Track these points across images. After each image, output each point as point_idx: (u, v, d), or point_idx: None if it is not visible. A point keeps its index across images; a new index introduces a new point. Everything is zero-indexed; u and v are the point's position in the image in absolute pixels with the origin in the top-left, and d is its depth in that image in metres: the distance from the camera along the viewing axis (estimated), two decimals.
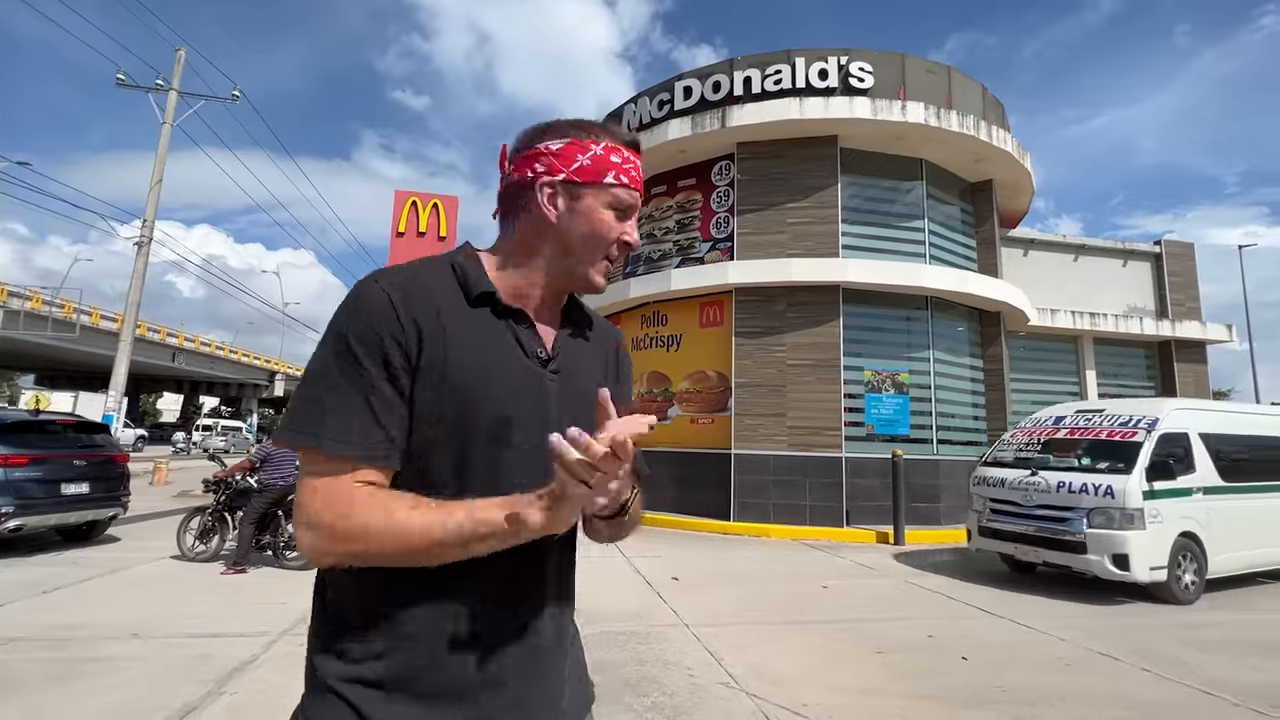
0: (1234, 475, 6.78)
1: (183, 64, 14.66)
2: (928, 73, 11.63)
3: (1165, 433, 6.48)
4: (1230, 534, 6.56)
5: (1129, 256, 16.24)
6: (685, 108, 12.00)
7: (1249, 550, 6.80)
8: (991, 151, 11.70)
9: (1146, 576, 5.90)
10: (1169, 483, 6.20)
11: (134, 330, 13.45)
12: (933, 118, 10.88)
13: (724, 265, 11.19)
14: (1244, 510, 6.78)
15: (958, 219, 12.69)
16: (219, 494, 6.83)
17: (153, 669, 3.72)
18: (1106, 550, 5.99)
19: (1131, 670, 4.21)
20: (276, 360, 51.21)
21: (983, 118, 11.65)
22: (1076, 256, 15.82)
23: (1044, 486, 6.55)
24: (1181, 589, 6.09)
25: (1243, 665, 4.35)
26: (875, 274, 10.76)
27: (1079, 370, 15.32)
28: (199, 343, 41.14)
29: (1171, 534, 6.10)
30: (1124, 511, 5.98)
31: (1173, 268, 16.16)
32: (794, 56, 11.40)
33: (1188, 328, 15.61)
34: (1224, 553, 6.47)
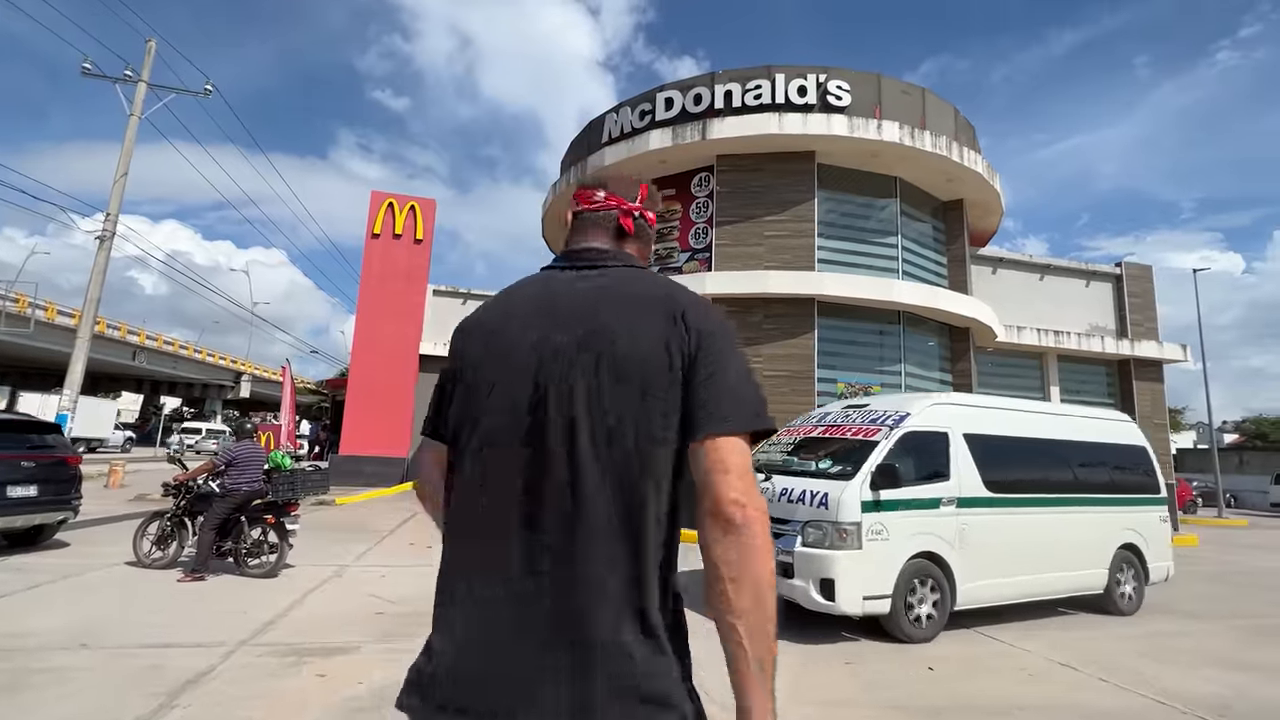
0: (1006, 485, 5.70)
1: (153, 55, 14.30)
2: (903, 93, 11.93)
3: (912, 431, 5.45)
4: (994, 556, 5.50)
5: (1091, 277, 16.79)
6: (666, 119, 12.10)
7: (1018, 575, 5.65)
8: (963, 172, 12.03)
9: (857, 608, 4.79)
10: (904, 491, 5.14)
11: (93, 327, 12.99)
12: (907, 137, 11.15)
13: (702, 275, 11.27)
14: (1014, 527, 5.67)
15: (930, 236, 13.00)
16: (179, 498, 6.61)
17: (102, 680, 3.56)
18: (813, 574, 4.86)
19: (1090, 680, 4.32)
20: (243, 361, 49.90)
21: (955, 139, 11.98)
22: (1042, 276, 16.30)
23: (768, 495, 5.37)
24: (911, 623, 4.99)
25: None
26: (850, 288, 10.94)
27: (1044, 386, 15.75)
28: (161, 341, 39.89)
29: (902, 555, 5.02)
30: (836, 526, 4.87)
31: (1132, 289, 16.75)
32: (774, 73, 11.59)
33: (1146, 347, 16.17)
34: (982, 578, 5.38)
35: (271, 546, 6.42)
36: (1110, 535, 6.33)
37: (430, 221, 19.23)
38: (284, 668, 3.89)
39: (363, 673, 3.87)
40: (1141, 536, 6.57)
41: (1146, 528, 6.68)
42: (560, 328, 1.00)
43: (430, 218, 19.22)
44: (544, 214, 15.59)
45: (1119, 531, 6.41)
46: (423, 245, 19.04)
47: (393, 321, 18.47)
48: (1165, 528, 6.92)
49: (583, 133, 14.37)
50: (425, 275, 19.06)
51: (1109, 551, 6.29)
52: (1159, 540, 6.79)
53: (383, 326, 18.40)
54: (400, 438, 18.27)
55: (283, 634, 4.53)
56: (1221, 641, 5.49)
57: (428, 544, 8.77)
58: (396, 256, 18.78)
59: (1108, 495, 6.47)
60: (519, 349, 1.01)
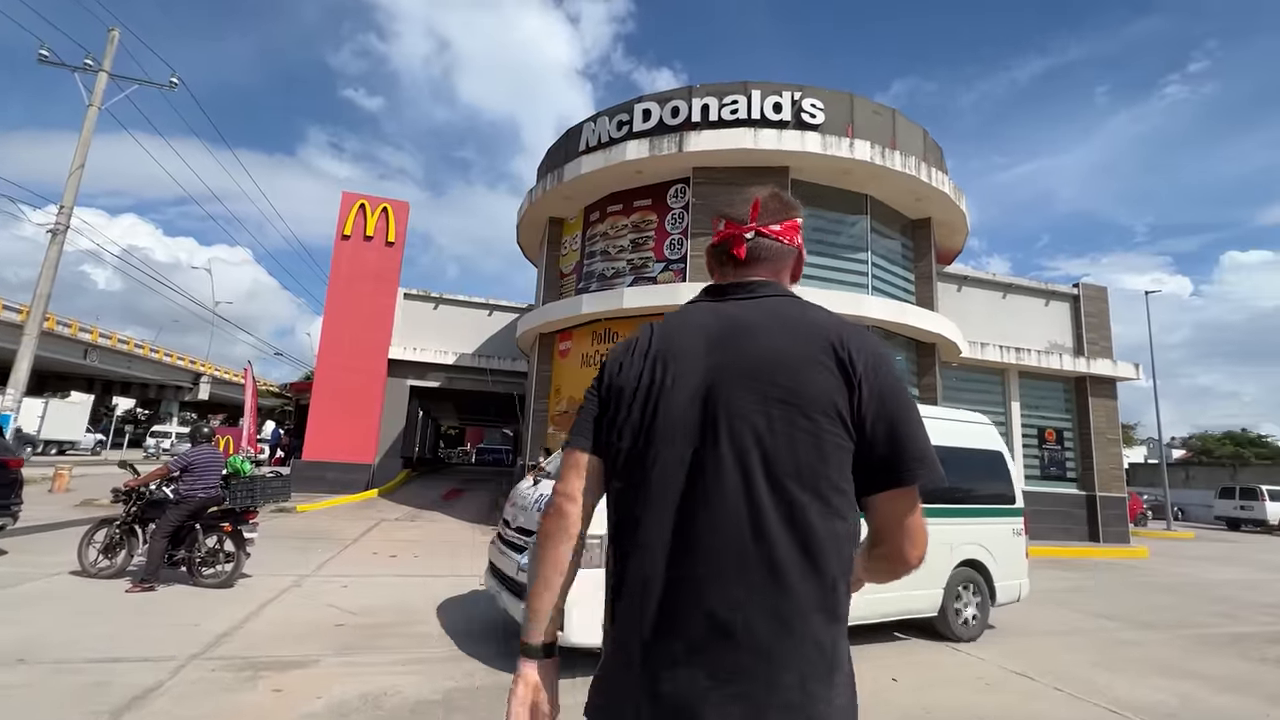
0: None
1: (115, 45, 13.86)
2: (874, 113, 12.24)
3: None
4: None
5: (1051, 297, 17.39)
6: (643, 130, 12.18)
7: (882, 592, 4.99)
8: (931, 191, 12.37)
9: (588, 638, 3.73)
10: None
11: (41, 323, 12.44)
12: (878, 156, 11.43)
13: (677, 286, 11.34)
14: None
15: (898, 253, 13.31)
16: (130, 504, 6.34)
17: (41, 698, 3.38)
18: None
19: (1045, 690, 4.43)
20: (203, 361, 48.33)
21: (924, 159, 12.32)
22: (1005, 294, 16.82)
23: (525, 502, 4.47)
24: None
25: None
26: (822, 302, 10.98)
27: (1005, 401, 16.20)
28: (115, 339, 38.38)
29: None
30: (590, 538, 3.55)
31: (1088, 309, 17.39)
32: (750, 89, 11.78)
33: (1101, 365, 16.78)
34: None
35: (228, 555, 6.21)
36: (952, 551, 5.68)
37: (403, 224, 18.96)
38: (238, 683, 3.75)
39: (321, 687, 3.76)
40: (988, 552, 5.94)
41: (995, 542, 6.03)
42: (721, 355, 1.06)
43: (403, 220, 18.96)
44: (520, 220, 15.51)
45: (960, 547, 5.76)
46: (394, 248, 18.76)
47: (361, 325, 18.12)
48: (1019, 542, 6.23)
49: (560, 141, 14.38)
50: (396, 278, 18.76)
51: (945, 569, 5.61)
52: (1010, 556, 6.12)
53: (351, 329, 18.04)
54: (366, 444, 17.88)
55: (237, 647, 4.37)
56: (1170, 651, 5.69)
57: (391, 553, 8.58)
58: (367, 259, 18.46)
59: (947, 506, 5.72)
60: (684, 374, 1.06)
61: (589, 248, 13.46)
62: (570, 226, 14.33)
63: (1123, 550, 13.98)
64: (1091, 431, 16.46)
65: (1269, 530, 24.05)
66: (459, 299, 20.30)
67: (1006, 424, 16.04)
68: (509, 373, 19.49)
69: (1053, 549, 13.15)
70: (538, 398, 13.71)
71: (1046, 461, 16.30)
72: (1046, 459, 16.32)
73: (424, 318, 19.77)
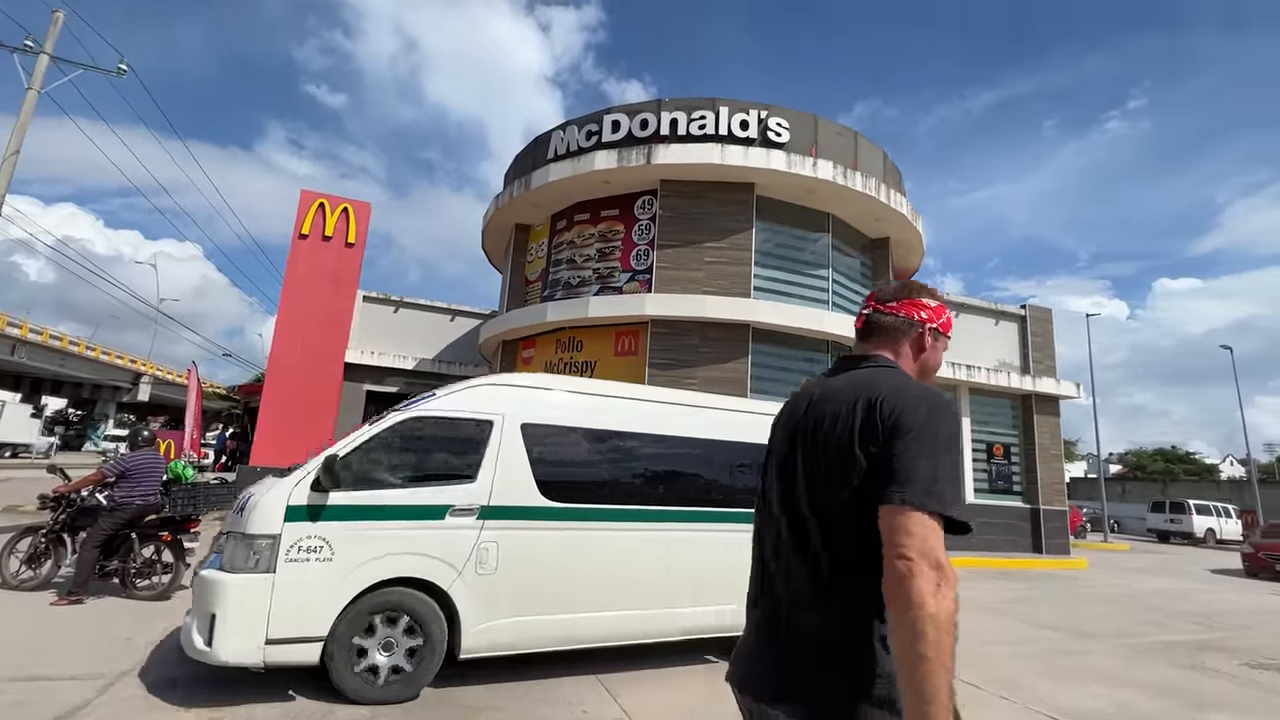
0: (582, 492, 4.49)
1: (60, 27, 13.20)
2: (837, 135, 12.59)
3: (425, 416, 4.19)
4: (551, 585, 4.24)
5: (1000, 316, 18.12)
6: (612, 140, 12.24)
7: (596, 611, 4.39)
8: (889, 212, 12.78)
9: (253, 657, 3.46)
10: (376, 495, 3.89)
11: None
12: (840, 176, 11.76)
13: (642, 297, 11.38)
14: (593, 547, 4.43)
15: (858, 271, 13.68)
16: (58, 511, 5.97)
17: None
18: (199, 609, 3.59)
19: (993, 698, 4.57)
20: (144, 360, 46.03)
21: (883, 180, 12.72)
22: (957, 313, 17.44)
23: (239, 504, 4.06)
24: (362, 676, 3.67)
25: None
26: (783, 316, 11.33)
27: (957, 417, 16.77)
28: (47, 335, 36.25)
29: (356, 582, 3.70)
30: (243, 540, 3.61)
31: (1035, 329, 18.19)
32: (718, 105, 11.98)
33: (1045, 383, 17.54)
34: (522, 614, 4.12)
35: (165, 566, 5.90)
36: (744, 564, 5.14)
37: (364, 225, 18.50)
38: (172, 702, 3.55)
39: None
40: None
41: None
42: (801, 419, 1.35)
43: (364, 221, 18.50)
44: (485, 225, 15.35)
45: None
46: (354, 249, 18.27)
47: (317, 327, 17.55)
48: None
49: (528, 148, 14.32)
50: (355, 280, 18.25)
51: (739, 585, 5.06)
52: None
53: (306, 331, 17.45)
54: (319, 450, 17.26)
55: (173, 664, 4.14)
56: (1109, 660, 5.94)
57: None
58: (325, 259, 17.92)
59: (748, 511, 5.28)
60: (784, 431, 1.39)
61: (555, 255, 13.41)
62: (537, 234, 14.25)
63: (1064, 561, 14.56)
64: (1036, 447, 17.16)
65: (1195, 542, 25.43)
66: (420, 303, 19.91)
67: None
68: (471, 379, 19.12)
69: (999, 560, 13.61)
70: None
71: (995, 475, 16.91)
72: (995, 473, 16.92)
73: (383, 321, 19.31)
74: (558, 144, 13.06)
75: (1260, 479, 32.05)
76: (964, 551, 14.69)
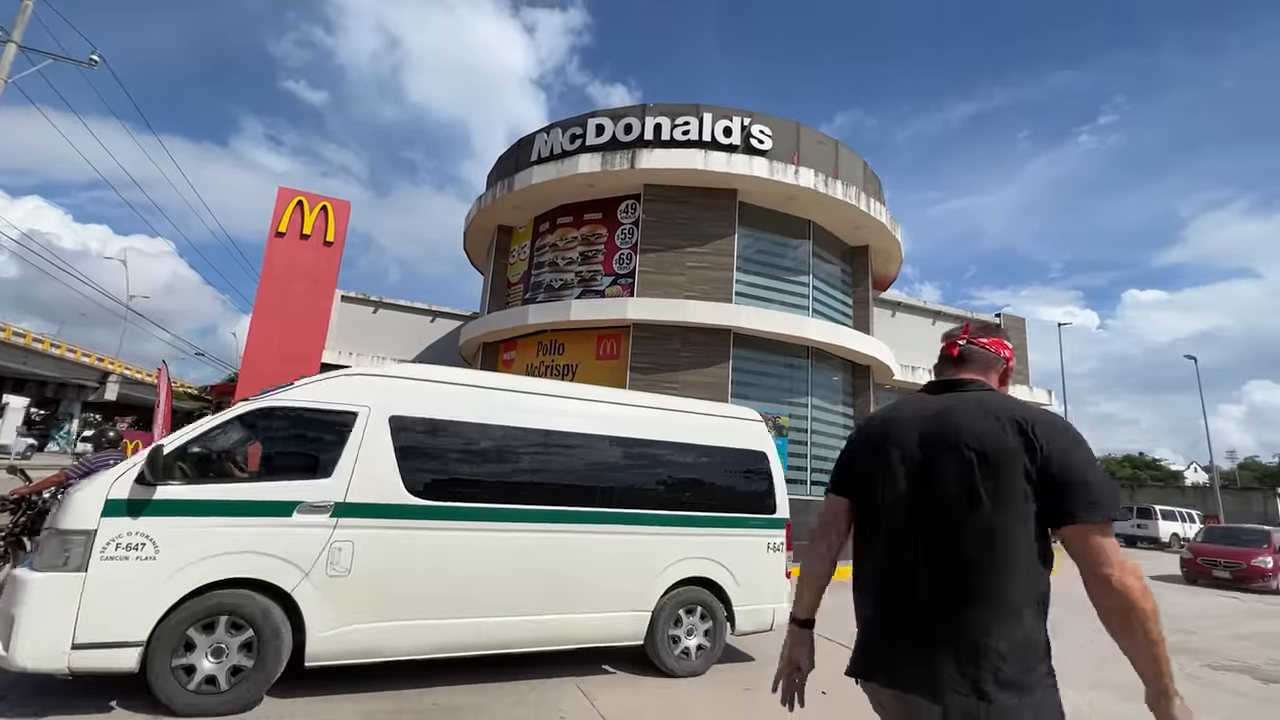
0: (457, 491, 4.19)
1: (29, 15, 12.85)
2: (819, 143, 12.75)
3: (277, 407, 3.94)
4: (411, 589, 3.93)
5: None
6: (596, 144, 12.25)
7: (463, 618, 4.06)
8: (869, 221, 12.96)
9: (57, 663, 3.20)
10: (214, 490, 3.65)
11: None
12: (821, 185, 11.90)
13: (624, 300, 11.38)
14: (466, 549, 4.11)
15: (838, 278, 13.85)
16: (17, 514, 5.77)
17: None
18: (2, 610, 3.27)
19: None
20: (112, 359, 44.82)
21: (863, 189, 12.90)
22: (935, 321, 17.75)
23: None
24: (190, 687, 3.39)
25: None
26: (764, 322, 11.41)
27: None
28: (10, 332, 35.14)
29: (183, 584, 3.43)
30: (56, 535, 3.36)
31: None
32: (702, 111, 12.06)
33: (1018, 391, 17.92)
34: (377, 620, 3.83)
35: None
36: (666, 567, 4.74)
37: (343, 224, 18.25)
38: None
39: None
40: (728, 570, 5.00)
41: (740, 559, 5.10)
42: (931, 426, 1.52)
43: (343, 220, 18.25)
44: (467, 226, 15.25)
45: (688, 562, 4.85)
46: (333, 248, 18.01)
47: (294, 326, 17.25)
48: (775, 559, 5.30)
49: (512, 149, 14.27)
50: (334, 280, 18.00)
51: (657, 588, 4.69)
52: (761, 576, 5.18)
53: (282, 331, 17.15)
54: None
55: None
56: (1080, 662, 6.06)
57: None
58: (303, 258, 17.64)
59: (659, 512, 4.81)
60: (911, 440, 1.54)
61: (538, 258, 13.36)
62: (519, 236, 14.19)
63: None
64: None
65: (1162, 547, 26.10)
66: (400, 303, 19.70)
67: None
68: None
69: None
70: None
71: None
72: None
73: (362, 322, 19.05)
74: (541, 146, 13.03)
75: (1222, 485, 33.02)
76: None
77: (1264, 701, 5.20)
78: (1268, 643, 7.65)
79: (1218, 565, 13.32)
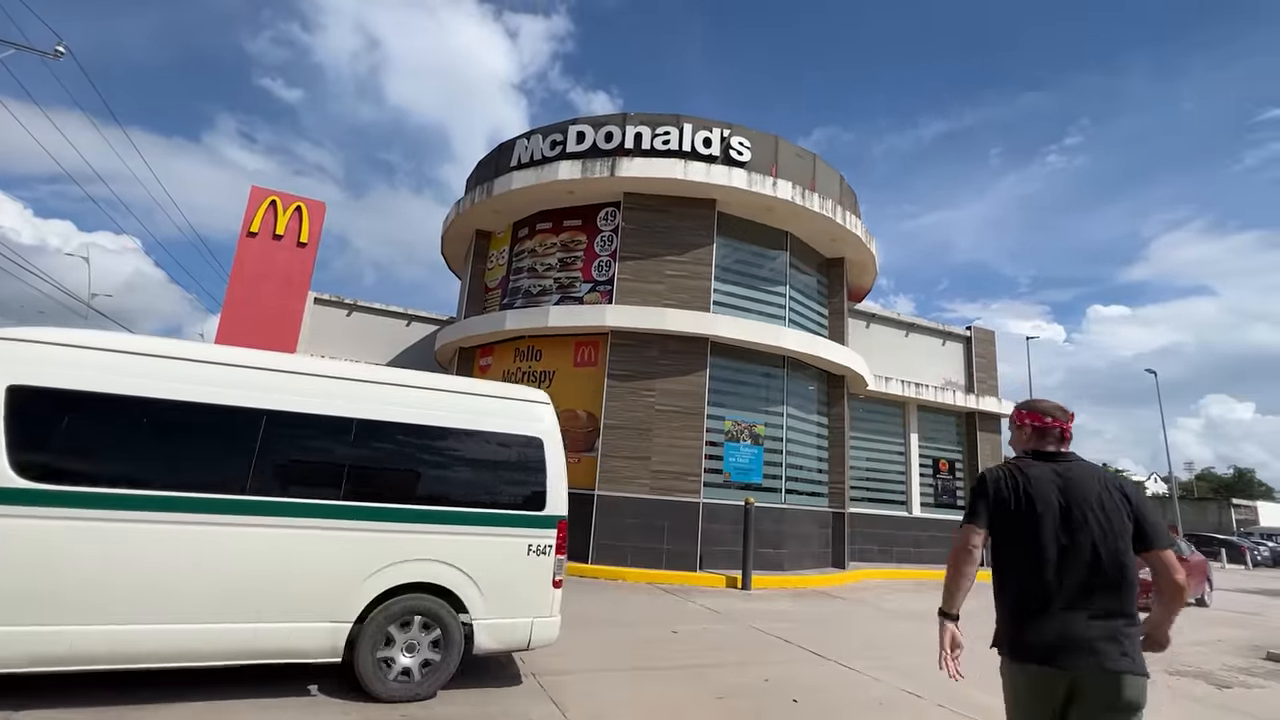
0: (82, 473, 3.57)
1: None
2: (797, 156, 12.95)
3: None
4: (10, 589, 3.30)
5: (947, 337, 18.88)
6: (577, 151, 12.28)
7: (102, 624, 3.44)
8: (844, 233, 13.19)
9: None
10: None
11: None
12: (799, 197, 12.08)
13: (602, 308, 11.40)
14: (70, 541, 3.43)
15: (814, 289, 14.05)
16: None
17: None
18: None
19: (930, 707, 4.71)
20: None
21: (840, 202, 13.14)
22: (907, 333, 18.09)
23: None
24: None
25: None
26: (742, 331, 11.52)
27: (905, 433, 17.32)
28: None
29: None
30: None
31: (979, 350, 19.01)
32: (683, 122, 12.18)
33: (988, 402, 18.32)
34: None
35: None
36: (375, 571, 4.01)
37: (317, 225, 17.98)
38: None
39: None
40: (468, 576, 4.23)
41: (488, 562, 4.32)
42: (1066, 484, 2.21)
43: (318, 221, 17.98)
44: (445, 230, 15.14)
45: (409, 565, 4.11)
46: (307, 249, 17.73)
47: (264, 328, 16.90)
48: (540, 564, 4.48)
49: (491, 154, 14.23)
50: (307, 282, 17.70)
51: (361, 596, 3.96)
52: (517, 583, 4.40)
53: (252, 333, 16.77)
54: None
55: None
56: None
57: None
58: (275, 259, 17.32)
59: (384, 506, 4.13)
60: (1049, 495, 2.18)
61: (516, 264, 13.32)
62: (498, 241, 14.14)
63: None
64: (979, 463, 17.86)
65: None
66: (375, 307, 19.44)
67: (905, 454, 17.13)
68: None
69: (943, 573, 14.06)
70: None
71: (940, 490, 17.50)
72: (940, 487, 17.52)
73: (335, 325, 18.75)
74: (521, 152, 13.02)
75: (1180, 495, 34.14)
76: (912, 564, 15.12)
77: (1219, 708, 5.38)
78: (1221, 650, 7.91)
79: None
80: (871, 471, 16.40)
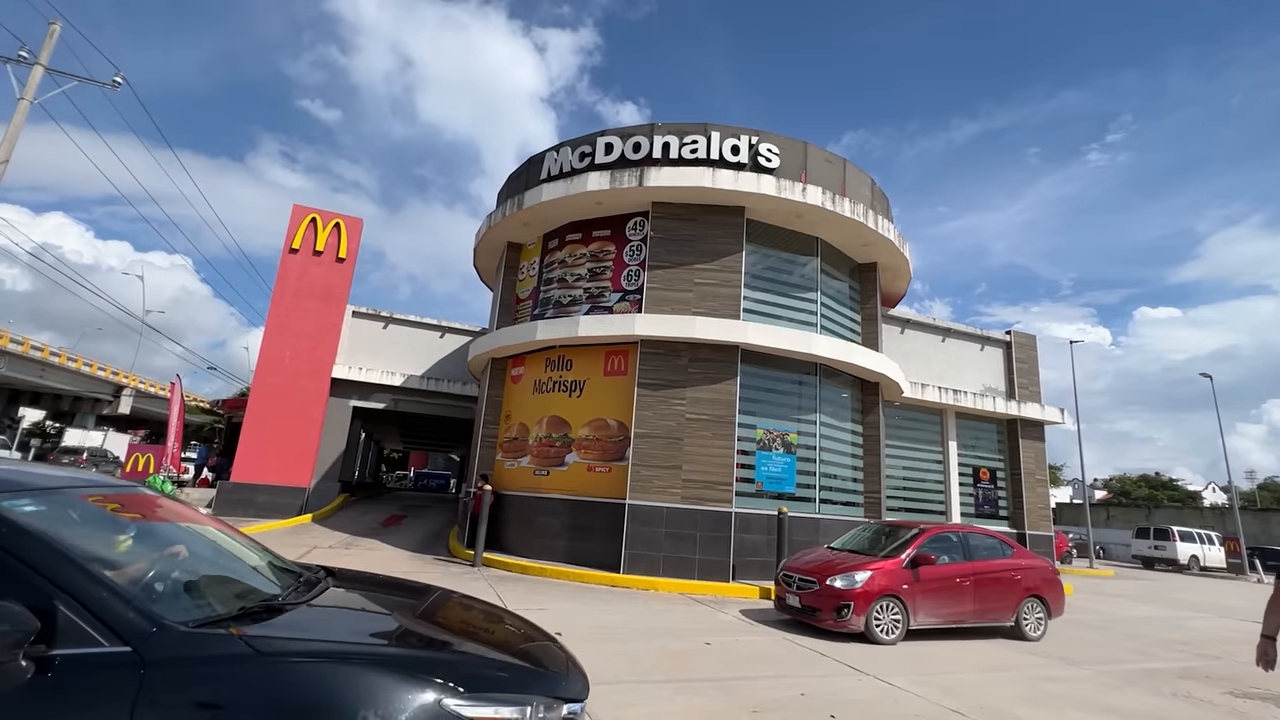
0: None
1: (56, 39, 13.25)
2: (826, 161, 12.83)
3: None
4: None
5: (985, 342, 18.37)
6: (605, 162, 12.39)
7: None
8: (877, 238, 12.98)
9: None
10: None
11: None
12: (829, 202, 11.95)
13: (632, 317, 11.43)
14: None
15: (846, 295, 13.84)
16: None
17: None
18: None
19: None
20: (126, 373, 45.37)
21: (871, 207, 12.94)
22: (944, 338, 17.66)
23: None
24: None
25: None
26: (772, 338, 11.41)
27: (943, 440, 16.87)
28: (28, 345, 35.68)
29: None
30: None
31: (1019, 355, 18.44)
32: (710, 130, 12.18)
33: (1030, 409, 17.74)
34: None
35: None
36: None
37: (355, 240, 18.55)
38: None
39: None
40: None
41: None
42: None
43: (355, 236, 18.55)
44: (478, 243, 15.41)
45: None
46: (345, 264, 18.30)
47: (305, 341, 17.47)
48: None
49: (522, 167, 14.46)
50: (345, 296, 18.26)
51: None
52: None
53: (293, 346, 17.36)
54: (302, 466, 17.06)
55: None
56: (1089, 686, 5.94)
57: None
58: (315, 274, 17.92)
59: None
60: None
61: (546, 274, 13.47)
62: (528, 252, 14.33)
63: None
64: (1022, 472, 17.28)
65: (1179, 569, 25.57)
66: (410, 319, 19.89)
67: (944, 462, 16.67)
68: (459, 396, 19.10)
69: None
70: (487, 423, 13.46)
71: (981, 499, 16.98)
72: (981, 497, 17.00)
73: (372, 337, 19.25)
74: (551, 165, 13.19)
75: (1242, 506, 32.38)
76: None
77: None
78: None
79: (793, 586, 7.87)
80: (908, 480, 16.01)
